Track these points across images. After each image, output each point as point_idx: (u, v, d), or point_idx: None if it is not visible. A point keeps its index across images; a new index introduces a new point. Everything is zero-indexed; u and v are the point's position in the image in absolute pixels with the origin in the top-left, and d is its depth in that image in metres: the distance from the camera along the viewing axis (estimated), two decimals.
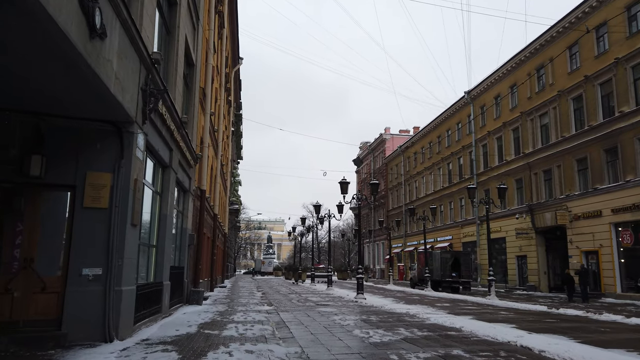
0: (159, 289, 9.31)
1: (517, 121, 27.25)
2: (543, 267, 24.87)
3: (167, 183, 10.01)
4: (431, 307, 13.75)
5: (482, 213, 30.94)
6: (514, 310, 12.93)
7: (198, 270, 14.43)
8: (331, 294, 19.44)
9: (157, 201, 9.74)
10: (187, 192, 13.21)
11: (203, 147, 15.03)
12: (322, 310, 12.14)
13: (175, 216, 12.24)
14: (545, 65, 24.68)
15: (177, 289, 11.94)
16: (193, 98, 13.50)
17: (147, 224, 9.15)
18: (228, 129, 31.76)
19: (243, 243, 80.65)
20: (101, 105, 6.22)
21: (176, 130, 10.02)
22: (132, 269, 7.14)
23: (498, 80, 29.46)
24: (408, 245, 45.04)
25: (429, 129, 40.70)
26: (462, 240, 33.81)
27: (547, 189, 24.67)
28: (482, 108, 31.71)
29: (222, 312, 11.38)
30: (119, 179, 6.80)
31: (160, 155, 9.21)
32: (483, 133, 31.16)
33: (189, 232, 13.32)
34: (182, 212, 13.05)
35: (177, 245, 12.63)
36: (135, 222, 7.14)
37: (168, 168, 10.07)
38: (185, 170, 12.34)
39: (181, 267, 12.71)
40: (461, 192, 34.49)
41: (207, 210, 18.00)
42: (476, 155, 32.05)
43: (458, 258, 24.46)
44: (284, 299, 16.96)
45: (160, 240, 9.75)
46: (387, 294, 21.04)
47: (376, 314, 11.12)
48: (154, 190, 9.42)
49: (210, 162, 19.60)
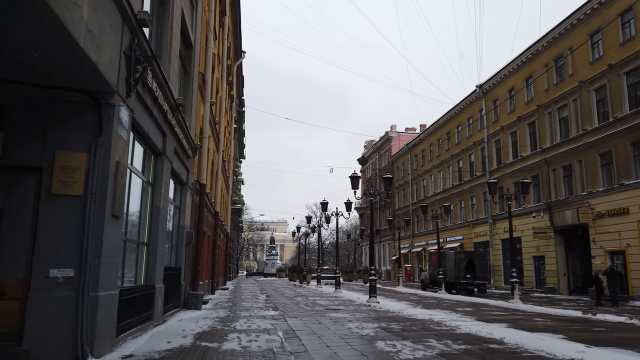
0: (150, 292, 8.10)
1: (534, 115, 25.95)
2: (562, 269, 23.55)
3: (160, 172, 8.81)
4: (453, 312, 12.49)
5: (495, 212, 29.69)
6: (548, 316, 11.65)
7: (197, 271, 13.23)
8: (340, 297, 18.21)
9: (148, 193, 8.55)
10: (184, 186, 12.02)
11: (203, 138, 13.84)
12: (334, 316, 10.91)
13: (171, 211, 11.06)
14: (565, 55, 23.39)
15: (173, 292, 10.73)
16: (191, 83, 12.32)
17: (137, 218, 7.95)
18: (230, 125, 30.60)
19: (246, 244, 79.54)
20: (72, 66, 5.02)
21: (170, 112, 8.83)
22: (113, 269, 5.94)
23: (512, 73, 28.16)
24: (415, 246, 43.74)
25: (437, 125, 39.41)
26: (473, 240, 32.50)
27: (566, 185, 23.37)
28: (494, 102, 30.42)
29: (222, 318, 10.18)
30: (96, 161, 5.60)
31: (152, 139, 8.01)
32: (496, 128, 29.86)
33: (187, 229, 12.13)
34: (179, 208, 11.86)
35: (173, 244, 11.43)
36: (117, 214, 5.93)
37: (161, 156, 8.87)
38: (183, 160, 11.15)
39: (178, 268, 11.51)
40: (472, 190, 33.22)
41: (207, 207, 16.81)
42: (489, 151, 30.75)
43: (472, 259, 23.16)
44: (290, 302, 15.75)
45: (153, 237, 8.55)
46: (400, 296, 19.80)
47: (396, 321, 9.88)
48: (145, 180, 8.22)
49: (212, 157, 18.41)
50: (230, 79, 27.58)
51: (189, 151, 11.62)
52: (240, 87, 38.80)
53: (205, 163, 13.87)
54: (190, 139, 11.60)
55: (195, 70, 12.83)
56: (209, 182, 18.13)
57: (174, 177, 10.85)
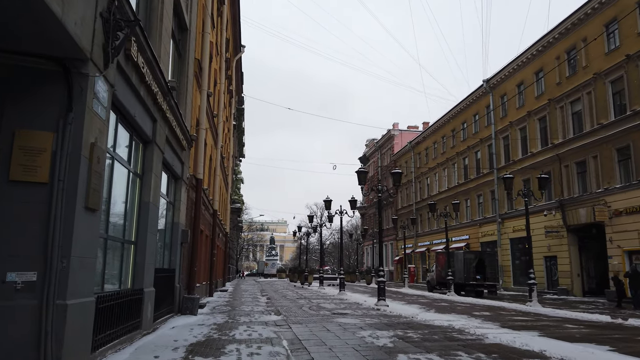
0: (137, 298, 7.14)
1: (544, 109, 24.98)
2: (576, 269, 22.58)
3: (149, 163, 7.86)
4: (472, 317, 11.53)
5: (503, 210, 28.73)
6: (577, 322, 10.67)
7: (193, 273, 12.27)
8: (345, 300, 17.25)
9: (136, 185, 7.60)
10: (179, 180, 11.07)
11: (199, 129, 12.88)
12: (343, 322, 9.96)
13: (164, 208, 10.11)
14: (578, 46, 22.43)
15: (166, 296, 9.78)
16: (186, 69, 11.37)
17: (121, 213, 7.00)
18: (229, 121, 29.65)
19: (245, 244, 78.57)
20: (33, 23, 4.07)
21: (161, 95, 7.88)
22: (87, 272, 4.98)
23: (521, 67, 27.20)
24: (419, 246, 42.77)
25: (442, 122, 38.44)
26: (480, 240, 31.53)
27: (580, 182, 22.41)
28: (502, 97, 29.46)
29: (220, 325, 9.23)
30: (65, 142, 4.65)
31: (139, 124, 7.07)
32: (504, 124, 28.90)
33: (181, 227, 11.17)
34: (173, 204, 10.91)
35: (167, 243, 10.48)
36: (93, 206, 4.97)
37: (151, 144, 7.92)
38: (176, 152, 10.20)
39: (171, 269, 10.56)
40: (479, 189, 32.26)
41: (205, 205, 15.86)
42: (496, 148, 29.78)
43: (482, 259, 22.19)
44: (292, 305, 14.80)
45: (141, 235, 7.60)
46: (408, 299, 18.85)
47: (412, 328, 8.92)
48: (132, 171, 7.27)
49: (209, 151, 17.46)
50: (229, 73, 26.63)
51: (184, 142, 10.67)
52: (240, 84, 37.84)
53: (202, 157, 12.91)
54: (185, 129, 10.66)
55: (191, 56, 11.88)
56: (207, 178, 17.18)
57: (166, 170, 9.91)
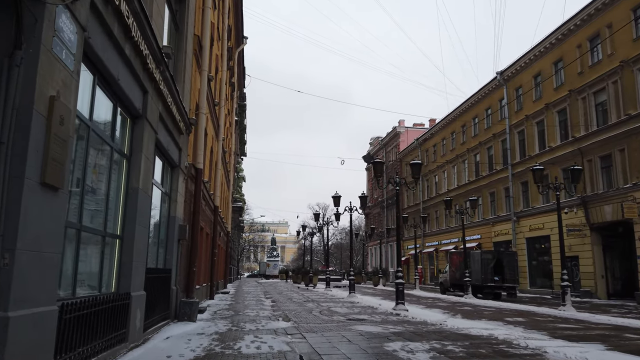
0: (122, 304, 5.82)
1: (564, 101, 23.65)
2: (600, 270, 21.23)
3: (139, 142, 6.56)
4: (508, 324, 10.20)
5: (518, 208, 27.40)
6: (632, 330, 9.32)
7: (192, 273, 10.96)
8: (358, 303, 15.93)
9: (122, 167, 6.30)
10: (176, 169, 9.77)
11: (199, 114, 11.58)
12: (363, 330, 8.64)
13: (158, 198, 8.81)
14: (602, 33, 21.10)
15: (160, 300, 8.47)
16: (184, 44, 10.07)
17: (103, 199, 5.70)
18: (232, 116, 28.37)
19: (247, 245, 77.31)
20: None
21: (152, 61, 6.58)
22: (46, 272, 3.67)
23: (539, 57, 25.86)
24: (427, 246, 41.42)
25: (452, 118, 37.10)
26: (492, 239, 30.18)
27: (605, 177, 21.06)
28: (517, 90, 28.12)
29: (223, 334, 7.92)
30: (10, 90, 3.35)
31: (125, 92, 5.77)
32: (519, 118, 27.55)
33: (179, 222, 9.87)
34: (169, 195, 9.61)
35: (161, 239, 9.18)
36: (53, 182, 3.66)
37: (141, 119, 6.62)
38: (173, 135, 8.90)
39: (167, 269, 9.25)
40: (492, 186, 30.91)
41: (205, 200, 14.56)
42: (511, 143, 28.43)
43: (501, 259, 20.85)
44: (301, 309, 13.48)
45: (128, 227, 6.30)
46: (424, 302, 17.53)
47: (449, 339, 7.59)
48: (116, 149, 5.97)
49: (210, 143, 16.17)
50: (232, 64, 25.35)
51: (181, 124, 9.37)
52: (242, 79, 36.54)
53: (202, 145, 11.61)
54: (183, 110, 9.36)
55: (190, 31, 10.59)
56: (208, 171, 15.88)
57: (161, 155, 8.61)
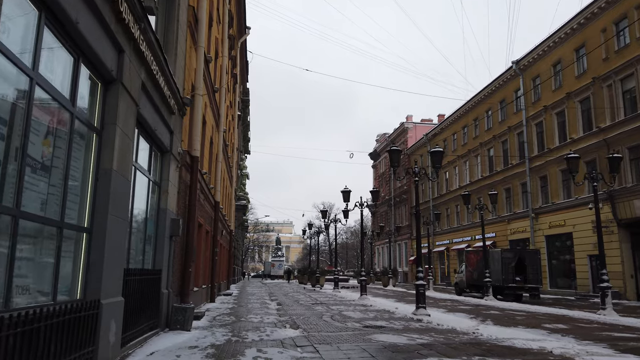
0: (88, 315, 4.52)
1: (588, 89, 22.20)
2: (629, 269, 19.79)
3: (112, 112, 5.27)
4: (554, 333, 8.84)
5: (536, 204, 25.95)
6: None
7: (188, 275, 9.66)
8: (371, 306, 14.58)
9: (90, 143, 5.02)
10: (167, 154, 8.48)
11: (195, 96, 10.28)
12: (386, 342, 7.31)
13: (145, 188, 7.52)
14: (630, 15, 19.65)
15: (147, 306, 7.17)
16: (176, 12, 8.78)
17: (59, 182, 4.40)
18: (234, 108, 27.09)
19: (251, 245, 76.17)
20: None
21: (129, 13, 5.29)
22: None
23: (558, 43, 24.41)
24: (437, 245, 39.98)
25: (463, 111, 35.67)
26: (509, 237, 28.74)
27: (635, 170, 19.61)
28: (534, 80, 26.68)
29: (220, 348, 6.62)
30: None
31: (89, 43, 4.48)
32: (537, 109, 26.10)
33: (171, 215, 8.58)
34: (159, 185, 8.31)
35: (149, 235, 7.88)
36: None
37: (116, 84, 5.33)
38: (160, 111, 7.60)
39: (156, 270, 7.95)
40: (507, 181, 29.46)
41: (204, 194, 13.26)
42: (528, 136, 26.98)
43: (522, 258, 19.42)
44: (309, 314, 12.17)
45: (99, 219, 5.01)
46: (442, 304, 16.16)
47: (495, 355, 6.24)
48: (79, 116, 4.68)
49: (210, 132, 14.89)
50: (234, 54, 24.09)
51: (172, 101, 8.06)
52: (245, 71, 35.31)
53: (198, 130, 10.32)
54: (174, 85, 8.06)
55: None
56: (207, 164, 14.61)
57: (147, 136, 7.32)
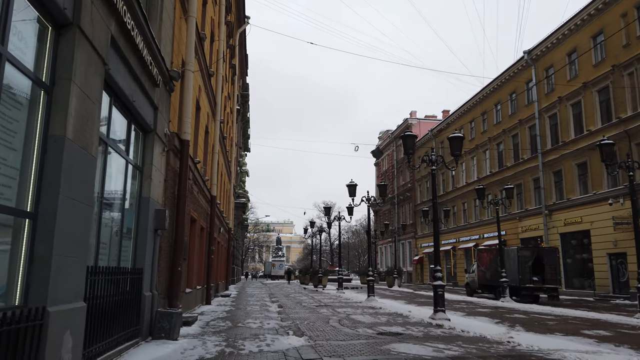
0: (28, 327, 3.32)
1: (607, 78, 20.99)
2: None
3: (67, 65, 4.06)
4: (597, 341, 7.64)
5: (550, 200, 24.74)
6: None
7: (177, 274, 8.47)
8: (381, 309, 13.38)
9: (36, 101, 3.83)
10: (150, 134, 7.28)
11: (186, 72, 9.09)
12: (409, 354, 6.13)
13: (121, 171, 6.32)
14: None
15: (123, 312, 5.96)
16: None
17: None
18: (232, 101, 25.91)
19: (251, 245, 75.04)
20: None
21: None
22: None
23: (574, 31, 23.20)
24: (443, 244, 38.70)
25: (470, 106, 34.47)
26: (520, 235, 27.52)
27: None
28: (547, 70, 25.46)
29: None
30: None
31: None
32: (551, 100, 24.88)
33: (155, 206, 7.38)
34: (141, 169, 7.11)
35: (128, 229, 6.68)
36: None
37: (71, 28, 4.12)
38: (141, 81, 6.40)
39: (136, 269, 6.75)
40: (518, 177, 28.24)
41: (198, 186, 12.06)
42: (541, 129, 25.76)
43: (540, 256, 18.22)
44: (314, 317, 10.98)
45: (48, 201, 3.81)
46: (458, 306, 14.94)
47: None
48: (14, 64, 3.48)
49: (205, 121, 13.69)
50: (232, 44, 22.92)
51: (154, 70, 6.85)
52: (244, 66, 34.14)
53: (189, 111, 9.12)
54: (157, 52, 6.85)
55: None
56: (202, 153, 13.41)
57: (120, 105, 6.10)
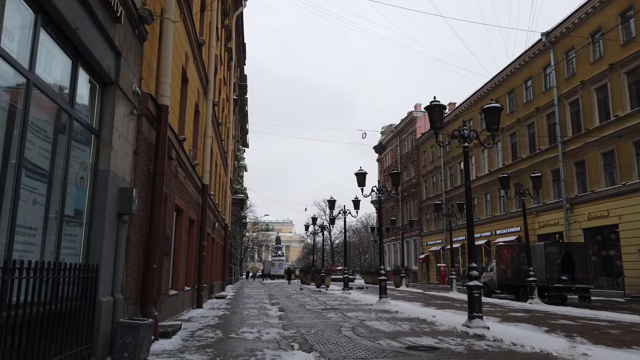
0: None
1: (636, 59, 19.22)
2: None
3: None
4: None
5: (572, 193, 22.98)
6: None
7: (152, 272, 6.68)
8: (396, 312, 11.58)
9: None
10: (110, 87, 5.48)
11: (164, 20, 7.29)
12: None
13: (64, 129, 4.52)
14: None
15: (67, 325, 4.14)
16: None
17: None
18: (229, 86, 24.12)
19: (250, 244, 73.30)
20: None
21: None
22: None
23: (598, 9, 21.39)
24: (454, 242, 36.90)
25: (481, 95, 32.68)
26: (537, 231, 25.74)
27: None
28: (567, 53, 23.69)
29: None
30: None
31: None
32: (572, 85, 23.10)
33: (118, 182, 5.58)
34: (97, 133, 5.31)
35: (76, 211, 4.88)
36: None
37: None
38: (89, 4, 4.59)
39: (88, 266, 4.93)
40: (534, 169, 26.27)
41: (184, 168, 10.23)
42: (561, 117, 23.97)
43: (570, 253, 16.47)
44: (323, 325, 9.19)
45: None
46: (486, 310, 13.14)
47: None
48: None
49: (195, 97, 11.90)
50: (227, 24, 21.11)
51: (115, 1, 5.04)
52: (242, 54, 32.34)
53: (169, 70, 7.32)
54: None
55: None
56: (191, 134, 11.62)
57: (56, 31, 4.27)
